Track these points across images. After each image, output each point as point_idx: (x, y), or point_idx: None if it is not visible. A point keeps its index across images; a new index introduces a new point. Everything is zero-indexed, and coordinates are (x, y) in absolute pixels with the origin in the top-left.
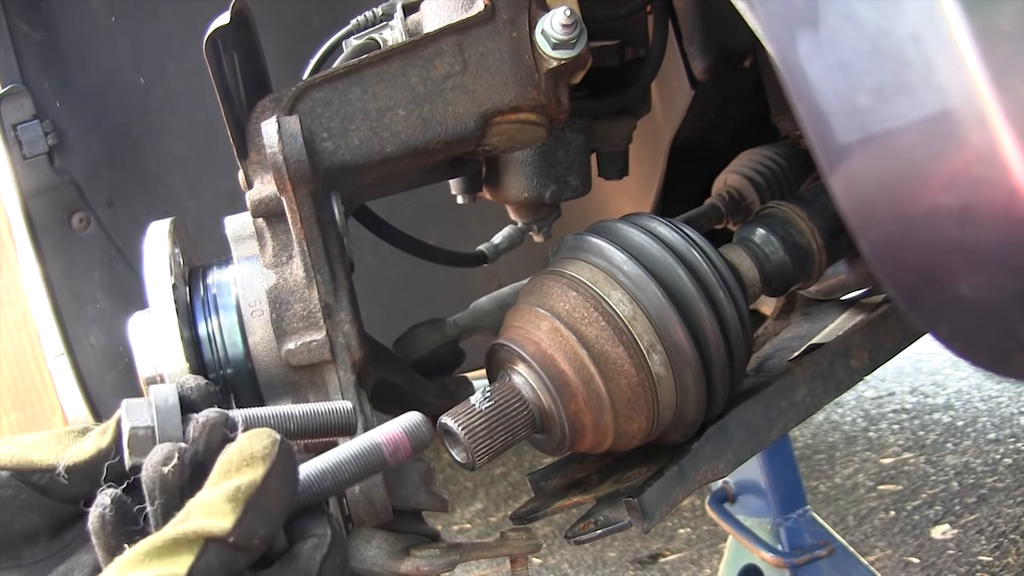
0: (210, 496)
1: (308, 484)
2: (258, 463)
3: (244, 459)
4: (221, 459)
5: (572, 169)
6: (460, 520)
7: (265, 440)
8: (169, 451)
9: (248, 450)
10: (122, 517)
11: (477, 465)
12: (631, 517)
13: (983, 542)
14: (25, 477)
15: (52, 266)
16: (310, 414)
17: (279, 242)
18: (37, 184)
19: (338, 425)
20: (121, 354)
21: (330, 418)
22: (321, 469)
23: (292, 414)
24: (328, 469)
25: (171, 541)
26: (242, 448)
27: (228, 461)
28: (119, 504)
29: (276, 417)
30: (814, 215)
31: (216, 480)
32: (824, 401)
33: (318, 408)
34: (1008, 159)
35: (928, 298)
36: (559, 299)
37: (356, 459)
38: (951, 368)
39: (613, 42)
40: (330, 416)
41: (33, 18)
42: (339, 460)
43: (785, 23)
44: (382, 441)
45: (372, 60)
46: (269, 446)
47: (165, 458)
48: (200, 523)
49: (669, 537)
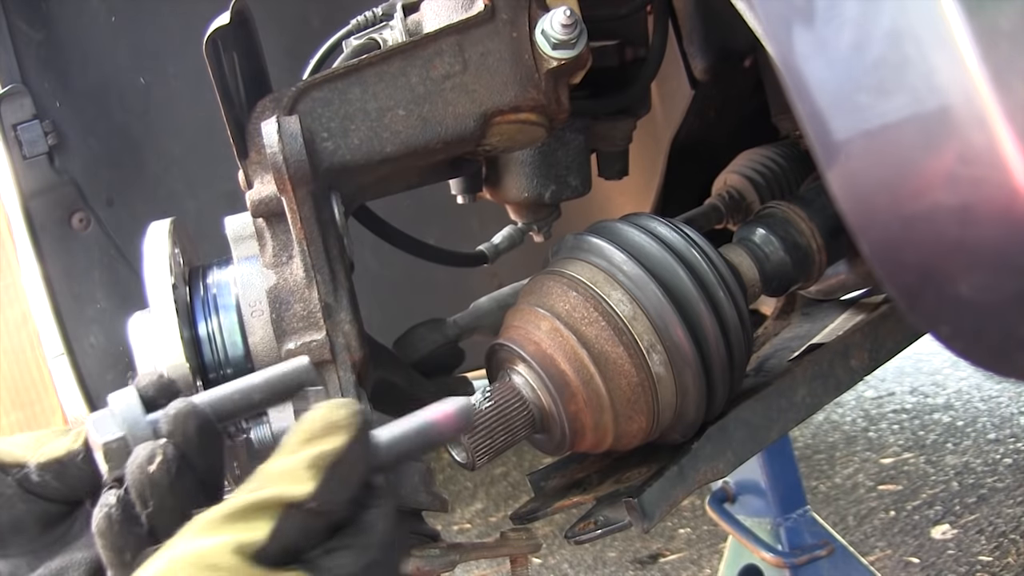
0: (289, 463)
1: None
2: (341, 431)
3: (327, 427)
4: (300, 426)
5: (572, 169)
6: (460, 520)
7: (348, 409)
8: (151, 450)
9: (331, 418)
10: (127, 516)
11: (477, 465)
12: (631, 517)
13: (983, 542)
14: (4, 470)
15: (52, 266)
16: (272, 380)
17: (279, 242)
18: (37, 184)
19: (299, 381)
20: (121, 354)
21: (290, 378)
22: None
23: (254, 384)
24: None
25: (250, 506)
26: (325, 416)
27: (309, 428)
28: (124, 504)
29: (240, 392)
30: (814, 215)
31: (294, 447)
32: (824, 401)
33: (276, 372)
34: (1008, 159)
35: (928, 298)
36: (559, 299)
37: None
38: (951, 368)
39: (613, 42)
40: (289, 377)
41: (33, 18)
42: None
43: (785, 23)
44: (437, 419)
45: (372, 60)
46: (352, 415)
47: (148, 458)
48: (281, 489)
49: (669, 537)
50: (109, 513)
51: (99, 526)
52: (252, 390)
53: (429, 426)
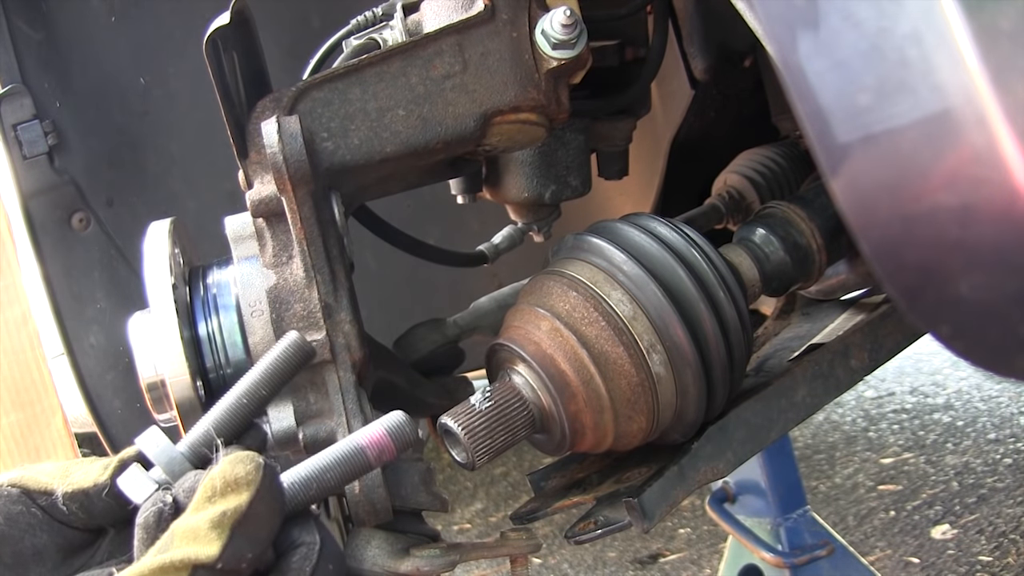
0: (194, 522)
1: (293, 493)
2: (243, 488)
3: (228, 484)
4: (204, 483)
5: (572, 169)
6: (460, 520)
7: (249, 465)
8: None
9: (232, 475)
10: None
11: (477, 465)
12: (631, 517)
13: (983, 542)
14: (31, 497)
15: (52, 266)
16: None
17: (279, 242)
18: (37, 184)
19: (298, 360)
20: (121, 354)
21: (288, 360)
22: (306, 476)
23: (257, 380)
24: (313, 476)
25: (157, 569)
26: (225, 473)
27: (211, 486)
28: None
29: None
30: (814, 215)
31: (199, 505)
32: (824, 401)
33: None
34: (1008, 159)
35: (928, 298)
36: (559, 299)
37: (341, 463)
38: (951, 368)
39: (613, 42)
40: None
41: (33, 18)
42: (324, 466)
43: (785, 23)
44: (366, 444)
45: (372, 60)
46: (253, 471)
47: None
48: (186, 551)
49: (669, 537)
50: (161, 509)
51: (147, 521)
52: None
53: (356, 452)
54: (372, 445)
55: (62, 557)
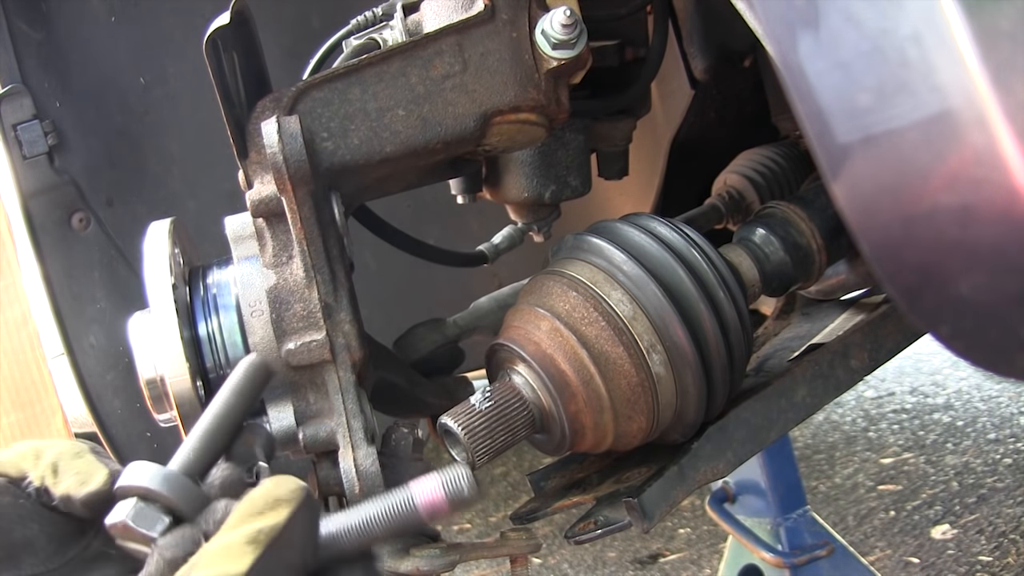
0: (228, 539)
1: (333, 539)
2: (282, 507)
3: (268, 503)
4: (243, 502)
5: (572, 169)
6: (460, 520)
7: (291, 485)
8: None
9: (273, 494)
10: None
11: (477, 465)
12: (631, 517)
13: (983, 542)
14: (16, 485)
15: (52, 266)
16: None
17: (279, 242)
18: (37, 184)
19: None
20: (121, 354)
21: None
22: (350, 523)
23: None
24: (356, 524)
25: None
26: (267, 491)
27: (251, 504)
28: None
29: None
30: (814, 215)
31: (236, 523)
32: (824, 401)
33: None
34: (1008, 159)
35: (928, 298)
36: (559, 299)
37: (388, 516)
38: (951, 368)
39: (613, 42)
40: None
41: (33, 18)
42: (370, 516)
43: (785, 23)
44: (420, 503)
45: (372, 60)
46: (295, 491)
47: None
48: (215, 568)
49: (669, 537)
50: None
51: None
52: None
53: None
54: (425, 505)
55: (54, 548)
